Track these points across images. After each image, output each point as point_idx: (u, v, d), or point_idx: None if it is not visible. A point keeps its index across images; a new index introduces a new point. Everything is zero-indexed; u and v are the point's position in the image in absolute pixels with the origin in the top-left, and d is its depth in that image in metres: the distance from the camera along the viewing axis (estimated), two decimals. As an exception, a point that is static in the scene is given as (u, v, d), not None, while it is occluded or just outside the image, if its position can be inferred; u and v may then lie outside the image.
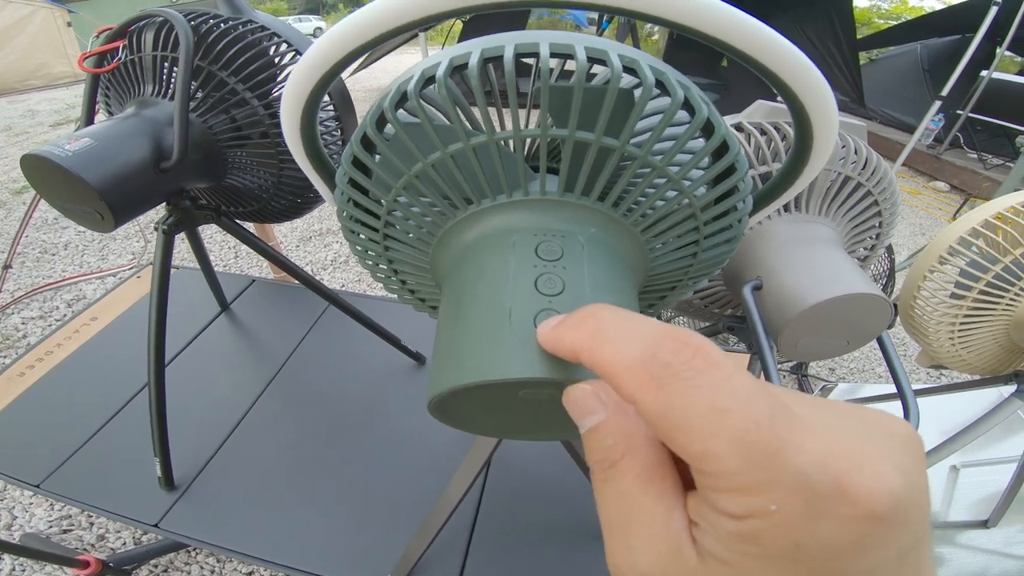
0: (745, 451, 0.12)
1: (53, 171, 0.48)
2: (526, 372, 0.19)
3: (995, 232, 0.59)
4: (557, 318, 0.18)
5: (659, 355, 0.13)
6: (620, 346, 0.14)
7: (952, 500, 1.05)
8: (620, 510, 0.15)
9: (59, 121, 4.82)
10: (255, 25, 0.63)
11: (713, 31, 0.22)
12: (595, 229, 0.26)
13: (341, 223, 0.33)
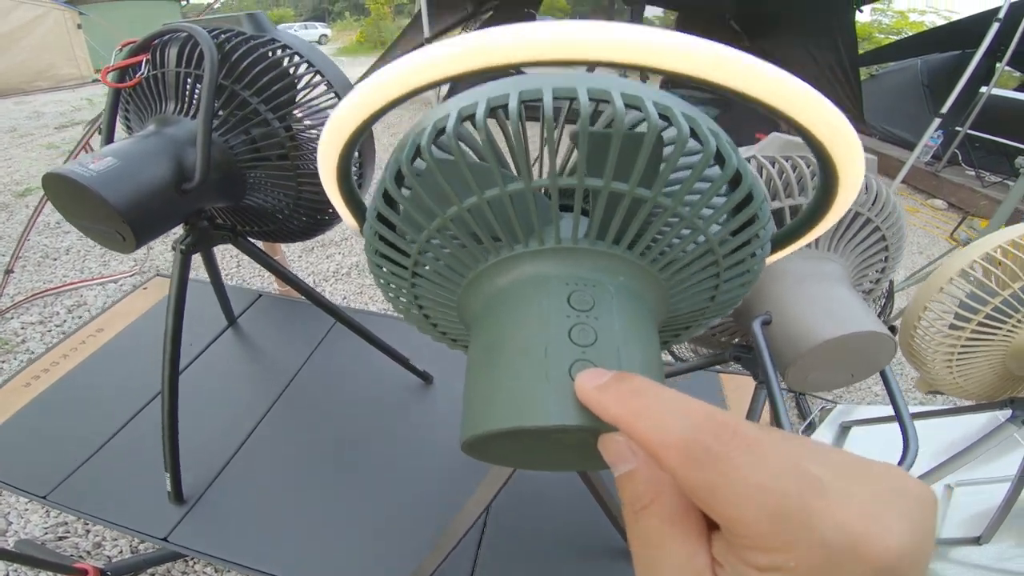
0: (776, 519, 0.14)
1: (76, 190, 0.49)
2: (563, 420, 0.20)
3: (994, 265, 0.61)
4: (595, 374, 0.20)
5: (699, 438, 0.15)
6: (662, 426, 0.16)
7: (946, 518, 1.07)
8: (648, 549, 0.16)
9: (64, 124, 4.82)
10: (278, 44, 0.64)
11: (738, 86, 0.22)
12: (623, 277, 0.27)
13: (368, 257, 0.33)
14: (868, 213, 0.49)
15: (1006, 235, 0.62)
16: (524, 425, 0.21)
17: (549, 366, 0.22)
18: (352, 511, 0.72)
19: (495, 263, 0.28)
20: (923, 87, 5.57)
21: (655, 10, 7.37)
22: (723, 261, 0.29)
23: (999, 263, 0.61)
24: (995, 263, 0.61)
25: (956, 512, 1.08)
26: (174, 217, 0.57)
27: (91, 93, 6.36)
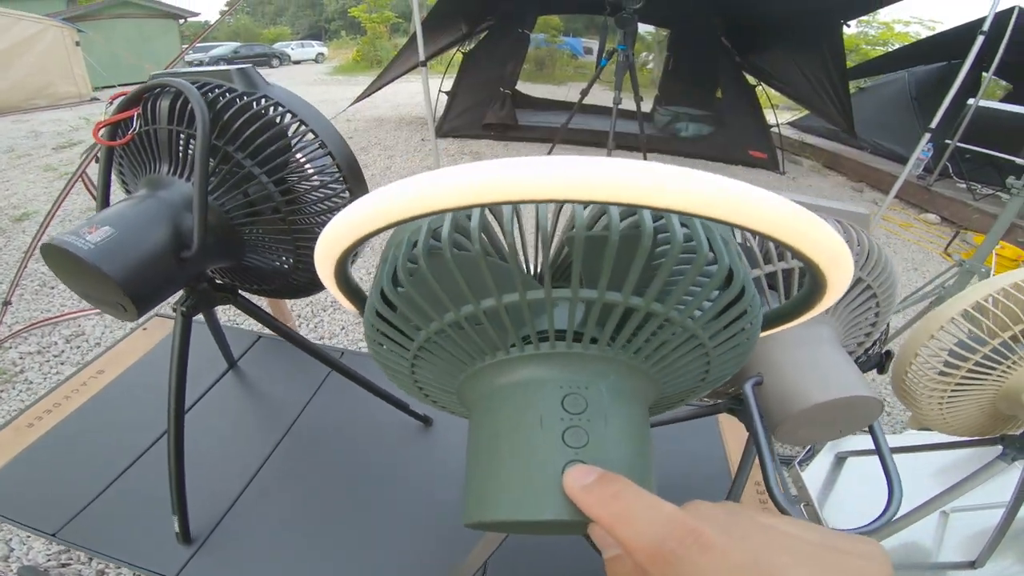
0: None
1: (74, 263, 0.50)
2: (556, 516, 0.23)
3: (984, 314, 0.62)
4: (582, 473, 0.22)
5: (667, 543, 0.18)
6: (637, 530, 0.19)
7: (942, 542, 1.08)
8: None
9: (62, 144, 4.83)
10: (271, 102, 0.64)
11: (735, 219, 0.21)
12: (615, 376, 0.28)
13: (368, 344, 0.34)
14: (861, 273, 0.50)
15: (995, 284, 0.64)
16: (522, 519, 0.24)
17: (545, 466, 0.24)
18: (356, 551, 0.73)
19: (494, 362, 0.29)
20: (912, 100, 5.64)
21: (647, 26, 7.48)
22: (713, 352, 0.30)
23: (988, 312, 0.62)
24: (984, 312, 0.62)
25: (951, 537, 1.09)
26: (174, 284, 0.57)
27: (88, 112, 6.40)
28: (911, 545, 1.05)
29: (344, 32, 22.97)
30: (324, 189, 0.65)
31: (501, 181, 0.20)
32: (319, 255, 0.29)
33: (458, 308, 0.27)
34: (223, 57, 13.83)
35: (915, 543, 1.06)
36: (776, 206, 0.21)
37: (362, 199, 0.24)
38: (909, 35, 11.75)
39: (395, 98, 7.32)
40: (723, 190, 0.20)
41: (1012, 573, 0.98)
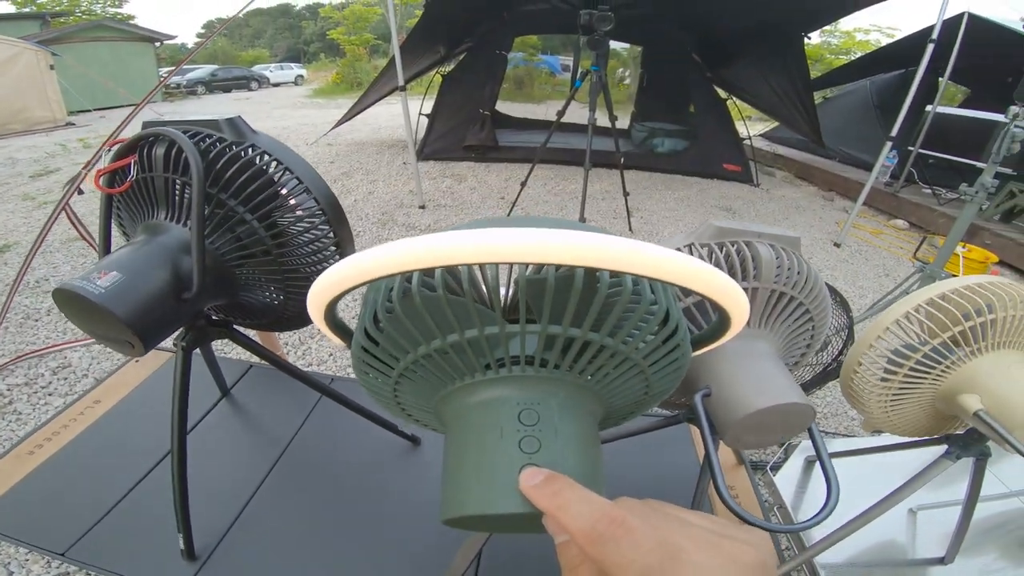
0: None
1: (85, 305, 0.54)
2: (513, 509, 0.28)
3: (918, 322, 0.69)
4: (531, 474, 0.28)
5: (596, 527, 0.23)
6: (574, 517, 0.24)
7: (913, 540, 1.12)
8: None
9: (39, 172, 4.78)
10: (258, 151, 0.69)
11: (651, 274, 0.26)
12: (563, 394, 0.34)
13: (355, 372, 0.39)
14: (792, 292, 0.56)
15: (926, 294, 0.71)
16: (486, 512, 0.29)
17: (504, 469, 0.30)
18: (352, 564, 0.77)
19: (462, 385, 0.34)
20: (874, 108, 5.81)
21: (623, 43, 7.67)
22: (650, 373, 0.36)
23: (921, 321, 0.69)
24: (917, 321, 0.69)
25: (921, 534, 1.13)
26: (176, 322, 0.62)
27: (64, 138, 6.34)
28: (886, 544, 1.10)
29: (323, 54, 23.12)
30: (311, 233, 0.70)
31: (454, 249, 0.25)
32: (311, 302, 0.34)
33: (428, 342, 0.33)
34: (201, 80, 13.82)
35: (890, 541, 1.11)
36: (686, 264, 0.27)
37: (344, 260, 0.29)
38: (870, 43, 12.16)
39: (376, 121, 7.36)
40: (652, 255, 0.25)
41: (982, 568, 1.03)
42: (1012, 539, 1.11)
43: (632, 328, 0.33)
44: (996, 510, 1.19)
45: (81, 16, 13.05)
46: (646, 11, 4.68)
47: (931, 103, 4.45)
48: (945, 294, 0.67)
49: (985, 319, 0.65)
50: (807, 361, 0.63)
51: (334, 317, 0.37)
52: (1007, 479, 1.26)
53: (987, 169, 1.69)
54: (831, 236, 3.89)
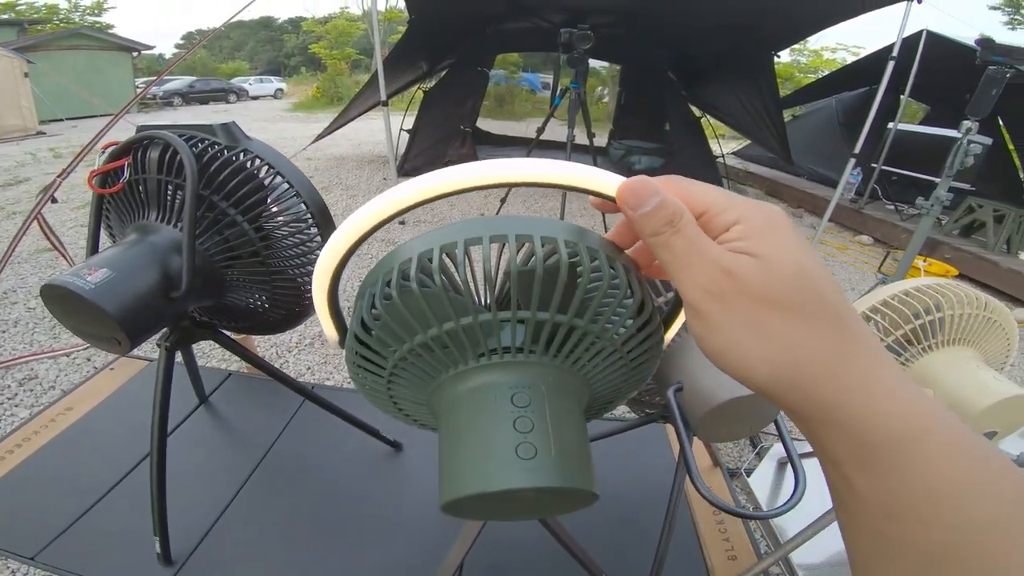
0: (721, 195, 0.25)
1: (74, 300, 0.55)
2: (511, 484, 0.30)
3: (874, 322, 0.73)
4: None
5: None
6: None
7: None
8: (687, 252, 0.24)
9: (8, 182, 4.65)
10: (251, 155, 0.71)
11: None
12: (552, 378, 0.36)
13: (348, 367, 0.41)
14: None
15: (880, 295, 0.76)
16: (485, 490, 0.30)
17: (500, 449, 0.31)
18: (331, 569, 0.77)
19: (455, 374, 0.37)
20: (839, 125, 6.02)
21: (602, 62, 7.87)
22: (628, 359, 0.39)
23: (876, 321, 0.74)
24: (873, 321, 0.74)
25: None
26: (163, 321, 0.62)
27: (34, 147, 6.19)
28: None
29: (304, 68, 23.08)
30: (299, 235, 0.72)
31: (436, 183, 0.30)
32: (318, 270, 0.36)
33: (425, 330, 0.35)
34: (178, 91, 13.65)
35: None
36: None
37: (346, 221, 0.32)
38: (836, 61, 12.66)
39: (356, 136, 7.36)
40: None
41: None
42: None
43: (611, 316, 0.36)
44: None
45: (59, 24, 12.83)
46: (625, 30, 4.83)
47: (893, 120, 4.62)
48: (897, 295, 0.72)
49: (934, 317, 0.70)
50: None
51: (336, 298, 0.39)
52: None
53: (941, 183, 1.79)
54: (800, 251, 4.01)
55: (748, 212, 0.24)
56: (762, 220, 0.23)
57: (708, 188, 0.25)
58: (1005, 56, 1.83)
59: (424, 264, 0.36)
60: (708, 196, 0.24)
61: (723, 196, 0.24)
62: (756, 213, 0.24)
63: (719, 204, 0.24)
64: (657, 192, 0.25)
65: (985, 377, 0.71)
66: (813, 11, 4.00)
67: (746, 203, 0.24)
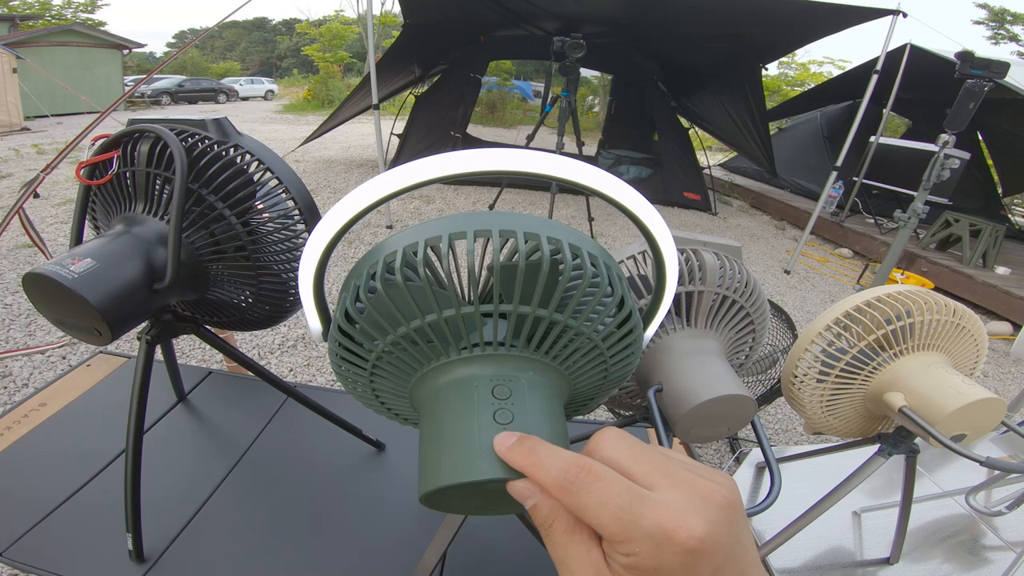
0: (617, 521, 0.22)
1: (56, 290, 0.54)
2: (489, 475, 0.30)
3: (846, 327, 0.75)
4: (506, 437, 0.29)
5: (567, 477, 0.24)
6: (547, 471, 0.25)
7: (860, 542, 1.19)
8: (560, 553, 0.25)
9: (-10, 177, 4.57)
10: (242, 151, 0.71)
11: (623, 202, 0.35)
12: (532, 372, 0.37)
13: (331, 359, 0.42)
14: (734, 296, 0.61)
15: (853, 302, 0.78)
16: (463, 480, 0.30)
17: (480, 440, 0.31)
18: (309, 569, 0.76)
19: (437, 366, 0.37)
20: (823, 139, 6.11)
21: (594, 71, 7.95)
22: (607, 354, 0.40)
23: (850, 328, 0.76)
24: (845, 326, 0.76)
25: (867, 536, 1.20)
26: (145, 313, 0.62)
27: (19, 143, 6.09)
28: (835, 548, 1.16)
29: (296, 70, 22.99)
30: (286, 231, 0.72)
31: (422, 169, 0.32)
32: (305, 258, 0.37)
33: (408, 322, 0.36)
34: (166, 90, 13.52)
35: (839, 545, 1.17)
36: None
37: (332, 208, 0.33)
38: (823, 75, 12.90)
39: (346, 139, 7.33)
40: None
41: (927, 568, 1.10)
42: (956, 542, 1.19)
43: (591, 312, 0.37)
44: (939, 514, 1.28)
45: (51, 20, 12.67)
46: (617, 41, 4.89)
47: (874, 135, 4.68)
48: (869, 301, 0.75)
49: (904, 323, 0.72)
50: (750, 362, 0.68)
51: (322, 287, 0.40)
52: (942, 482, 1.36)
53: (918, 195, 1.84)
54: (782, 264, 4.09)
55: (645, 549, 0.22)
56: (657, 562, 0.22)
57: (603, 504, 0.23)
58: (983, 70, 1.89)
59: (409, 257, 0.37)
60: (602, 517, 0.23)
61: (619, 520, 0.23)
62: (653, 553, 0.22)
63: (614, 534, 0.23)
64: (532, 496, 0.26)
65: (954, 381, 0.73)
66: (801, 24, 4.10)
67: (648, 534, 0.22)
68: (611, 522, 0.22)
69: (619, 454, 0.25)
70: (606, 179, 0.34)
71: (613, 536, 0.22)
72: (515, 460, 0.27)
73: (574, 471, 0.24)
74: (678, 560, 0.22)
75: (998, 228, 3.92)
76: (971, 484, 1.29)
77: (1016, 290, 3.39)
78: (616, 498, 0.23)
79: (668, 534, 0.22)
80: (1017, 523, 1.23)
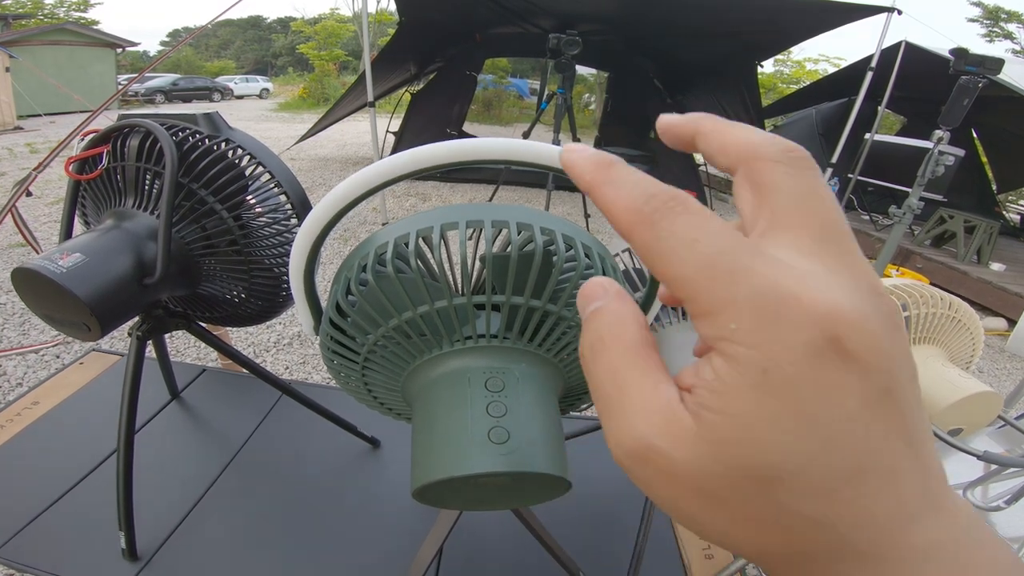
0: (708, 273, 0.13)
1: (46, 285, 0.54)
2: (484, 468, 0.29)
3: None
4: (579, 148, 0.18)
5: (651, 201, 0.15)
6: (623, 191, 0.16)
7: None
8: (613, 388, 0.15)
9: (-20, 179, 4.54)
10: (233, 145, 0.71)
11: None
12: (525, 364, 0.36)
13: (323, 356, 0.41)
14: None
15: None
16: (457, 474, 0.29)
17: (473, 433, 0.31)
18: (303, 569, 0.75)
19: (430, 359, 0.37)
20: (819, 136, 6.14)
21: (590, 69, 7.95)
22: None
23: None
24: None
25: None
26: (135, 309, 0.61)
27: (11, 142, 6.05)
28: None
29: (291, 68, 22.92)
30: (278, 225, 0.72)
31: (410, 159, 0.31)
32: (296, 247, 0.36)
33: (400, 314, 0.35)
34: (160, 89, 13.46)
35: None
36: None
37: (322, 200, 0.33)
38: (819, 72, 12.93)
39: (341, 137, 7.31)
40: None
41: None
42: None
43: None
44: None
45: (43, 19, 12.60)
46: (613, 38, 4.89)
47: (869, 132, 4.72)
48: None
49: (900, 316, 0.72)
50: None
51: (312, 280, 0.39)
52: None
53: (913, 191, 1.84)
54: (780, 259, 4.08)
55: (746, 324, 0.13)
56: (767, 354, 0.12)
57: (694, 240, 0.14)
58: (977, 66, 1.90)
59: (400, 249, 0.37)
60: (687, 261, 0.14)
61: (712, 269, 0.13)
62: (760, 333, 0.13)
63: (700, 292, 0.14)
64: (600, 297, 0.18)
65: (950, 374, 0.73)
66: (796, 22, 4.10)
67: (756, 295, 0.13)
68: (697, 271, 0.13)
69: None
70: None
71: (698, 295, 0.13)
72: (585, 173, 0.17)
73: (663, 198, 0.15)
74: (803, 353, 0.12)
75: (993, 225, 3.93)
76: (969, 479, 1.29)
77: (1011, 286, 3.40)
78: (715, 236, 0.14)
79: (788, 298, 0.12)
80: (1015, 518, 1.24)
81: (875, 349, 0.12)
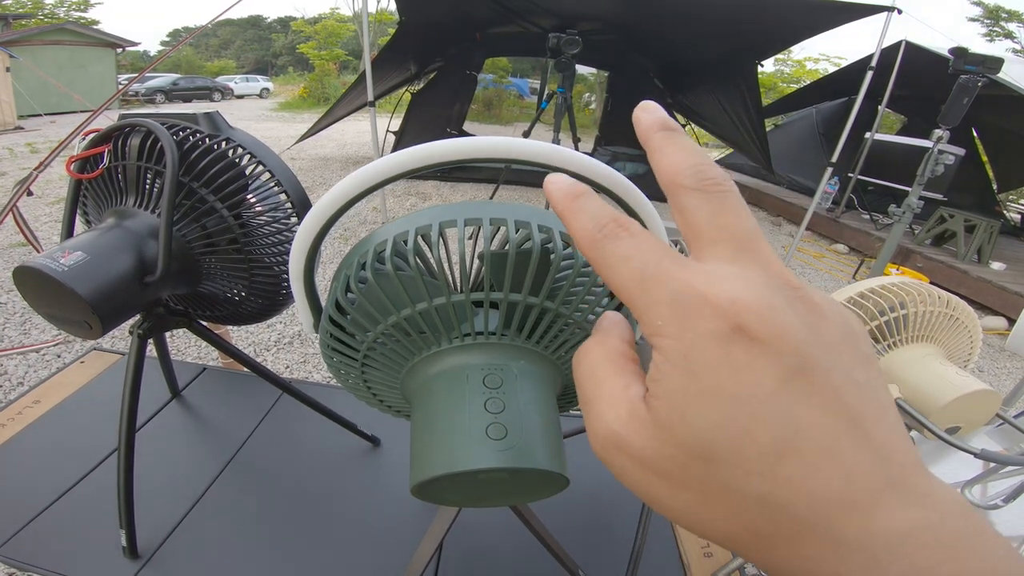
0: (638, 282, 0.16)
1: (46, 283, 0.54)
2: (481, 464, 0.30)
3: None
4: (566, 179, 0.21)
5: (602, 229, 0.18)
6: (583, 219, 0.19)
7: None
8: (592, 386, 0.19)
9: (-20, 180, 4.55)
10: (233, 144, 0.71)
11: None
12: (523, 361, 0.37)
13: (323, 353, 0.41)
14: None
15: (846, 293, 0.78)
16: (455, 470, 0.30)
17: (471, 429, 0.31)
18: (303, 568, 0.76)
19: (428, 356, 0.37)
20: (819, 135, 6.14)
21: (590, 68, 7.95)
22: None
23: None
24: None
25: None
26: (136, 307, 0.62)
27: (11, 142, 6.07)
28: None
29: (292, 68, 22.92)
30: (278, 224, 0.72)
31: (407, 158, 0.31)
32: (295, 246, 0.37)
33: (398, 311, 0.35)
34: (160, 88, 13.48)
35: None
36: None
37: (321, 198, 0.32)
38: (819, 72, 12.93)
39: (342, 137, 7.32)
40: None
41: None
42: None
43: (582, 300, 0.36)
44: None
45: (43, 19, 12.62)
46: (613, 37, 4.89)
47: (869, 131, 4.72)
48: (863, 292, 0.75)
49: (899, 314, 0.72)
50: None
51: (312, 278, 0.40)
52: (938, 476, 1.36)
53: (913, 190, 1.85)
54: (779, 259, 4.10)
55: (667, 320, 0.16)
56: (685, 342, 0.15)
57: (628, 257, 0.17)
58: (977, 65, 1.90)
59: (399, 246, 0.37)
60: (622, 273, 0.17)
61: (640, 277, 0.17)
62: (678, 325, 0.15)
63: (633, 296, 0.17)
64: (601, 323, 0.21)
65: (948, 373, 0.73)
66: (797, 21, 4.11)
67: (672, 296, 0.16)
68: (630, 281, 0.16)
69: None
70: (599, 168, 0.34)
71: (633, 301, 0.16)
72: (557, 201, 0.20)
73: (610, 225, 0.18)
74: (713, 338, 0.14)
75: (993, 224, 3.93)
76: (967, 477, 1.29)
77: (1011, 285, 3.40)
78: (645, 253, 0.17)
79: (699, 295, 0.15)
80: (1013, 517, 1.24)
81: (780, 333, 0.14)
